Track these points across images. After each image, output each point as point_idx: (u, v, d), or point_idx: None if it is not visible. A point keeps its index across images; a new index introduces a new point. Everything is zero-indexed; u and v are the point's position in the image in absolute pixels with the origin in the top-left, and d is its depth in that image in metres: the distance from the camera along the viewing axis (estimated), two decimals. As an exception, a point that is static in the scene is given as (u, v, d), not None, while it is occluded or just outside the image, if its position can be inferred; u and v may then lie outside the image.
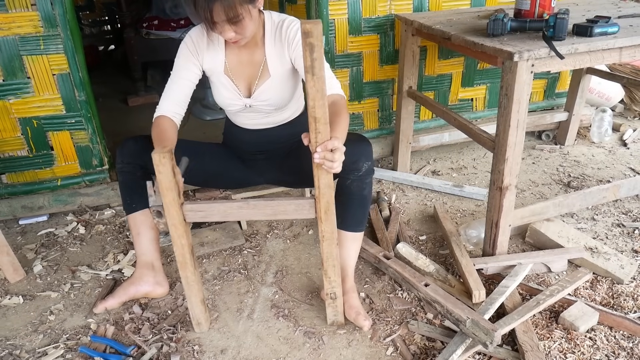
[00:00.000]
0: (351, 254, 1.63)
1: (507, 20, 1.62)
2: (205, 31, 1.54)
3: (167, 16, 4.42)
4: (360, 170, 1.51)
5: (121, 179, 1.63)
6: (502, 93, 1.57)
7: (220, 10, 1.35)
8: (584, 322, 1.48)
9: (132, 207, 1.65)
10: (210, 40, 1.57)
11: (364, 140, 1.56)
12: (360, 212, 1.58)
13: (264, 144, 1.77)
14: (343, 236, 1.61)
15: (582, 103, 2.65)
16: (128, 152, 1.61)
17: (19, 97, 1.99)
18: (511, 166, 1.63)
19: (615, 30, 1.59)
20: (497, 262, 1.72)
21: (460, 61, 2.55)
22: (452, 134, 2.58)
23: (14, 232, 2.14)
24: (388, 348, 1.47)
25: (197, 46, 1.58)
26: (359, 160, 1.51)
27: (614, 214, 2.10)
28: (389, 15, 2.32)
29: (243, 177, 1.88)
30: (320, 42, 1.03)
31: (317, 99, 1.06)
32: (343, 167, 1.44)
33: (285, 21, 1.56)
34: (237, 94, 1.63)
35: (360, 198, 1.56)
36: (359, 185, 1.54)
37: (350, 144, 1.50)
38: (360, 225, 1.60)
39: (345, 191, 1.56)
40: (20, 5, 1.85)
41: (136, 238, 1.67)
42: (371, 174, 1.55)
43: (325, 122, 1.10)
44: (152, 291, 1.69)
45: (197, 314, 1.52)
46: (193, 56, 1.58)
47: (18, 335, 1.57)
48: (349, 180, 1.53)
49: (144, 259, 1.69)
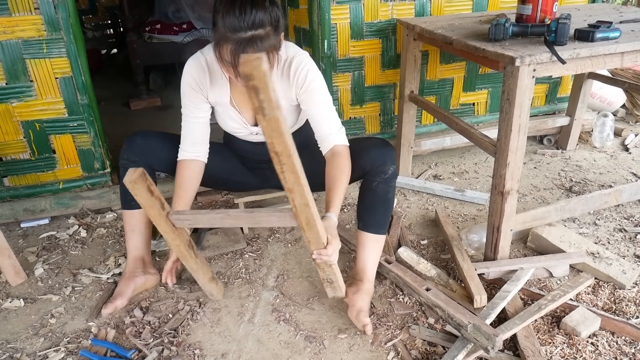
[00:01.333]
0: (372, 256, 1.63)
1: (509, 25, 1.62)
2: (205, 65, 1.52)
3: (169, 20, 4.44)
4: (386, 173, 1.56)
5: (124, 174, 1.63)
6: (503, 98, 1.57)
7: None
8: (585, 328, 1.47)
9: (131, 204, 1.66)
10: (212, 74, 1.54)
11: (389, 145, 1.61)
12: (383, 214, 1.61)
13: (265, 154, 1.77)
14: (365, 238, 1.62)
15: (583, 108, 2.65)
16: (136, 150, 1.61)
17: (22, 100, 2.00)
18: (513, 171, 1.63)
19: (617, 35, 1.59)
20: (498, 266, 1.72)
21: (462, 66, 2.55)
22: (453, 138, 2.58)
23: (15, 235, 2.14)
24: (389, 353, 1.47)
25: (199, 83, 1.55)
26: (385, 163, 1.56)
27: (616, 219, 2.09)
28: (391, 19, 2.32)
29: (247, 182, 1.88)
30: (264, 83, 0.90)
31: (275, 137, 0.99)
32: (370, 169, 1.56)
33: (294, 60, 1.53)
34: (243, 124, 1.64)
35: (385, 201, 1.60)
36: (385, 187, 1.58)
37: (377, 147, 1.59)
38: (382, 228, 1.63)
39: (370, 193, 1.59)
40: (24, 9, 1.86)
41: (130, 234, 1.71)
42: (395, 177, 1.60)
43: (289, 155, 1.05)
44: (146, 281, 1.73)
45: (207, 289, 1.65)
46: (198, 93, 1.56)
47: (19, 338, 1.57)
48: (376, 182, 1.57)
49: (135, 253, 1.73)
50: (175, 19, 4.45)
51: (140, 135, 1.64)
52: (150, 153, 1.62)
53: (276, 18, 1.36)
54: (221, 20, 1.32)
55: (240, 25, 1.30)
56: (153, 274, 1.76)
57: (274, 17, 1.35)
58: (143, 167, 1.61)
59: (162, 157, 1.67)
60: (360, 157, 1.59)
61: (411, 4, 2.33)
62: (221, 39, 1.33)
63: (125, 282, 1.70)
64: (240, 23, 1.30)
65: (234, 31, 1.31)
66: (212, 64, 1.53)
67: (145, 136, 1.64)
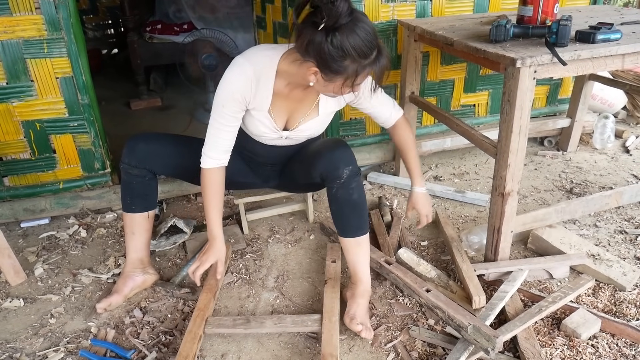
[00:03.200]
0: (359, 258, 1.61)
1: (510, 26, 1.62)
2: (252, 76, 1.45)
3: (170, 20, 4.45)
4: (341, 177, 1.50)
5: (126, 179, 1.63)
6: (504, 99, 1.57)
7: (368, 77, 1.38)
8: (586, 330, 1.47)
9: (132, 207, 1.67)
10: (258, 84, 1.48)
11: (341, 145, 1.55)
12: (354, 217, 1.56)
13: (276, 157, 1.77)
14: (346, 243, 1.60)
15: (584, 109, 2.65)
16: (138, 155, 1.60)
17: (22, 100, 1.99)
18: (513, 172, 1.62)
19: (618, 37, 1.59)
20: (498, 268, 1.72)
21: (463, 67, 2.55)
22: (454, 139, 2.58)
23: (15, 235, 2.14)
24: (389, 354, 1.47)
25: (244, 94, 1.48)
26: (338, 167, 1.50)
27: (617, 220, 2.09)
28: (392, 20, 2.32)
29: (248, 182, 1.88)
30: None
31: None
32: (326, 176, 1.53)
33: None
34: (273, 129, 1.60)
35: (350, 204, 1.54)
36: (345, 192, 1.52)
37: (328, 150, 1.53)
38: (360, 230, 1.58)
39: (334, 200, 1.55)
40: (25, 9, 1.86)
41: (130, 236, 1.71)
42: (356, 177, 1.53)
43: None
44: (145, 280, 1.74)
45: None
46: (242, 103, 1.50)
47: (18, 338, 1.57)
48: (334, 188, 1.53)
49: (134, 255, 1.73)
50: (176, 19, 4.46)
51: (142, 139, 1.62)
52: (151, 158, 1.61)
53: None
54: (350, 52, 1.27)
55: (369, 48, 1.30)
56: (152, 274, 1.76)
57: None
58: (146, 173, 1.61)
59: (164, 162, 1.67)
60: (313, 164, 1.56)
61: (412, 5, 2.32)
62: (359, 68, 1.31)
63: (123, 280, 1.71)
64: (368, 47, 1.30)
65: (365, 57, 1.30)
66: (260, 74, 1.46)
67: (147, 141, 1.62)
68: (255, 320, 1.54)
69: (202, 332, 1.50)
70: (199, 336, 1.47)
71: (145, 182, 1.64)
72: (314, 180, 1.59)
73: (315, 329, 1.51)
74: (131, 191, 1.65)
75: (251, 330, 1.51)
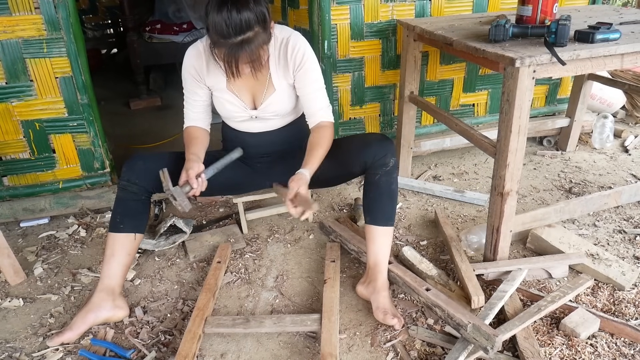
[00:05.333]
0: (383, 249, 1.65)
1: (509, 26, 1.62)
2: (203, 52, 1.60)
3: (169, 20, 4.45)
4: (388, 165, 1.60)
5: (121, 195, 1.61)
6: (503, 99, 1.57)
7: (246, 57, 1.41)
8: (585, 329, 1.47)
9: (119, 227, 1.60)
10: (209, 60, 1.61)
11: (389, 139, 1.66)
12: (389, 206, 1.64)
13: (268, 145, 1.79)
14: (374, 232, 1.65)
15: (583, 109, 2.65)
16: (137, 173, 1.61)
17: (22, 99, 2.00)
18: (512, 172, 1.63)
19: (617, 37, 1.59)
20: (497, 267, 1.72)
21: (462, 67, 2.55)
22: (453, 139, 2.58)
23: (15, 235, 2.14)
24: (388, 353, 1.47)
25: (198, 70, 1.63)
26: (386, 155, 1.60)
27: (615, 220, 2.09)
28: (391, 20, 2.32)
29: (250, 182, 1.87)
30: None
31: None
32: (372, 162, 1.61)
33: (290, 40, 1.59)
34: (242, 107, 1.68)
35: (389, 192, 1.63)
36: (388, 179, 1.61)
37: (377, 141, 1.64)
38: (390, 220, 1.65)
39: (374, 187, 1.63)
40: (24, 9, 1.86)
41: (109, 259, 1.60)
42: (396, 170, 1.64)
43: None
44: (112, 316, 1.59)
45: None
46: (197, 81, 1.64)
47: (18, 337, 1.57)
48: (378, 175, 1.61)
49: (107, 282, 1.60)
50: (176, 19, 4.46)
51: (141, 159, 1.64)
52: (150, 177, 1.61)
53: (262, 15, 1.40)
54: (212, 27, 1.37)
55: (229, 31, 1.35)
56: (121, 308, 1.61)
57: (259, 16, 1.39)
58: (143, 192, 1.61)
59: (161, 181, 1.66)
60: (361, 151, 1.63)
61: (411, 4, 2.33)
62: (213, 42, 1.40)
63: (84, 313, 1.56)
64: (229, 29, 1.35)
65: (223, 37, 1.36)
66: (209, 51, 1.53)
67: (146, 160, 1.64)
68: (254, 319, 1.55)
69: (202, 331, 1.50)
70: (199, 336, 1.47)
71: (141, 201, 1.62)
72: (353, 168, 1.66)
73: (314, 329, 1.52)
74: (123, 209, 1.61)
75: (250, 329, 1.52)
